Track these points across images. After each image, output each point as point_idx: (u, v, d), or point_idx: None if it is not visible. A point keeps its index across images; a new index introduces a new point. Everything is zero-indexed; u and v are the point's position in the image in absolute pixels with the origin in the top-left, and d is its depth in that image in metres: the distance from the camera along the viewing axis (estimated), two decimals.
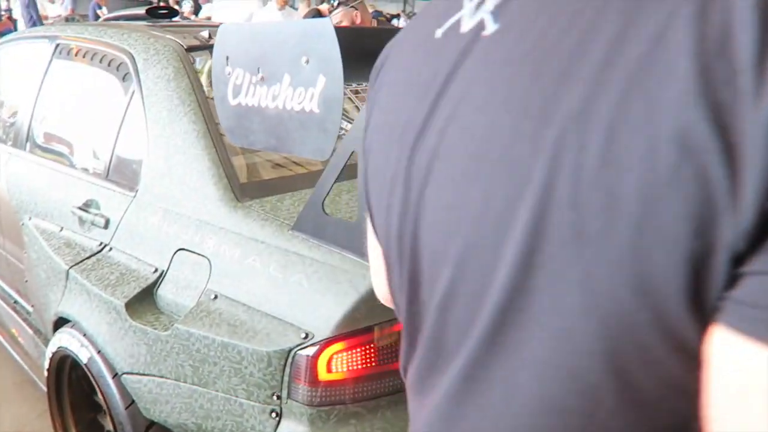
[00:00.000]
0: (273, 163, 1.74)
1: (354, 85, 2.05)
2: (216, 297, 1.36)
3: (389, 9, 21.12)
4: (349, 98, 2.00)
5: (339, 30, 0.77)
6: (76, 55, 2.08)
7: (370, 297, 1.19)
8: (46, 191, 1.97)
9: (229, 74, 0.86)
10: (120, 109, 1.77)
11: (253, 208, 1.42)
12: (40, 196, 1.99)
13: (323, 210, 1.26)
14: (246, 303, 1.31)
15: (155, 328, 1.39)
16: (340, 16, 3.68)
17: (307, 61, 0.76)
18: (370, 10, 13.07)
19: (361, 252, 1.21)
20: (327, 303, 1.21)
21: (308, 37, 0.74)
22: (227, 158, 1.52)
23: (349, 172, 1.22)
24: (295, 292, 1.25)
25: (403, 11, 21.91)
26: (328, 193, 1.25)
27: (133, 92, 1.73)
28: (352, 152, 1.19)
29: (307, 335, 1.21)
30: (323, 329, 1.20)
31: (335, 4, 3.78)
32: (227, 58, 0.85)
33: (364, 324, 1.20)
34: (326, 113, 0.75)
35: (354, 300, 1.19)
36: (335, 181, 1.23)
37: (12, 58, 2.52)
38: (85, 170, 1.87)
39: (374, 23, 3.79)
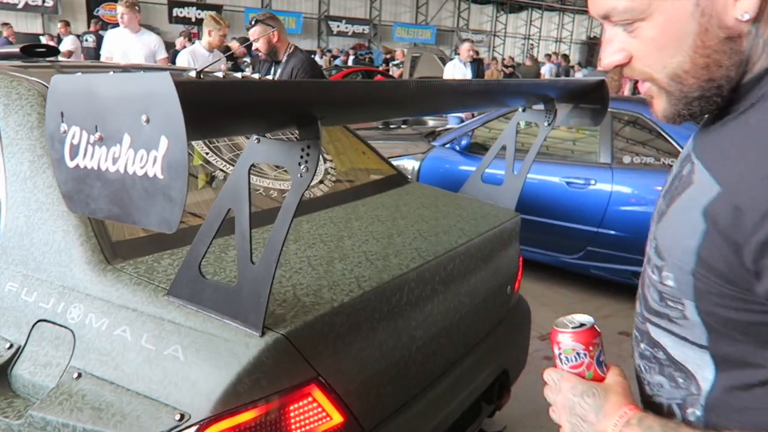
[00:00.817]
0: None
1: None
2: (80, 376, 1.19)
3: (304, 45, 21.26)
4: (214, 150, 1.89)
5: (185, 84, 0.67)
6: None
7: (254, 368, 1.07)
8: None
9: (64, 132, 0.75)
10: None
11: (125, 270, 1.27)
12: None
13: (200, 272, 1.14)
14: (114, 381, 1.16)
15: (6, 416, 1.19)
16: (257, 33, 3.58)
17: (148, 120, 0.66)
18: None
19: (244, 318, 1.10)
20: (205, 378, 1.08)
21: (147, 92, 0.65)
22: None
23: (228, 226, 1.11)
24: (170, 366, 1.11)
25: (318, 47, 22.16)
26: (206, 253, 1.14)
27: None
28: (229, 209, 1.09)
29: (182, 416, 1.07)
30: (201, 408, 1.06)
31: (251, 22, 3.67)
32: (62, 114, 0.73)
33: (249, 399, 1.08)
34: (171, 180, 0.65)
35: (236, 372, 1.07)
36: (213, 239, 1.12)
37: None
38: None
39: (288, 42, 3.71)
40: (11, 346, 1.30)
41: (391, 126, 5.72)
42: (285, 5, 22.60)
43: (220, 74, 2.08)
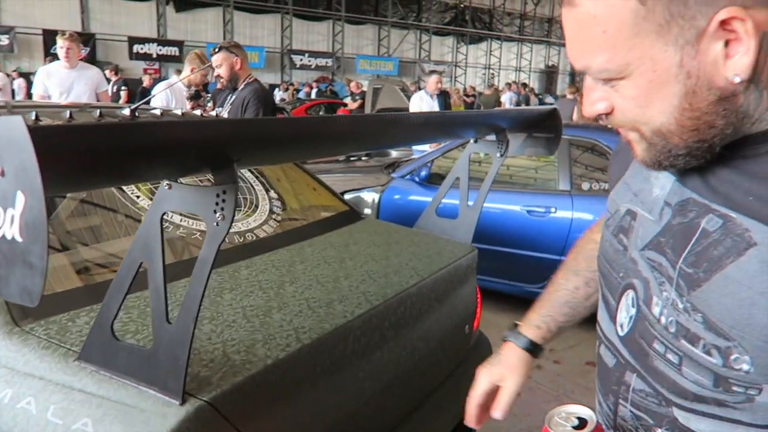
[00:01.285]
0: (78, 267, 1.46)
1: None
2: None
3: (267, 79, 21.28)
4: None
5: (43, 129, 0.57)
6: None
7: None
8: None
9: None
10: None
11: (33, 332, 1.13)
12: None
13: (113, 334, 1.02)
14: None
15: None
16: (220, 60, 3.49)
17: (2, 173, 0.55)
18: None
19: (163, 384, 0.98)
20: None
21: (1, 140, 0.54)
22: None
23: (141, 280, 1.00)
24: None
25: (282, 81, 22.18)
26: (118, 312, 1.02)
27: None
28: (141, 263, 0.98)
29: None
30: None
31: (216, 48, 3.59)
32: None
33: None
34: (29, 243, 0.54)
35: None
36: (125, 297, 1.00)
37: None
38: None
39: (249, 72, 3.63)
40: None
41: (352, 158, 5.65)
42: (247, 40, 22.63)
43: (157, 111, 1.98)
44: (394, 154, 7.11)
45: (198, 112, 3.63)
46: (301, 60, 24.14)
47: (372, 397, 1.35)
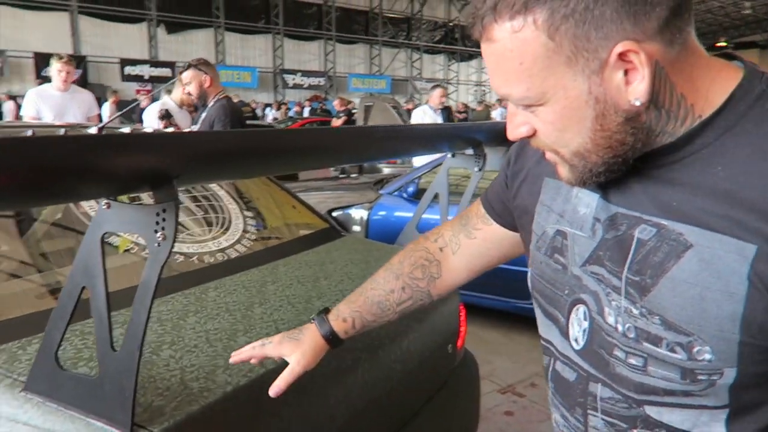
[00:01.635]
0: (37, 293, 1.40)
1: None
2: None
3: (260, 98, 21.35)
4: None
5: None
6: None
7: None
8: None
9: None
10: None
11: None
12: None
13: (57, 362, 0.96)
14: None
15: None
16: (189, 78, 3.47)
17: None
18: (235, 99, 12.91)
19: (110, 415, 0.92)
20: None
21: None
22: None
23: (84, 309, 0.94)
24: None
25: (275, 100, 22.25)
26: (62, 340, 0.95)
27: None
28: (83, 288, 0.92)
29: None
30: None
31: (185, 66, 3.57)
32: None
33: None
34: None
35: None
36: (68, 324, 0.94)
37: None
38: None
39: (221, 90, 3.60)
40: None
41: (341, 176, 5.61)
42: (240, 60, 22.73)
43: (126, 129, 1.93)
44: (386, 170, 7.07)
45: (171, 130, 3.59)
46: (294, 79, 24.23)
47: (345, 425, 1.29)
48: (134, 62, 20.15)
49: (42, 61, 17.86)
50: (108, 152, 0.70)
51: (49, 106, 4.26)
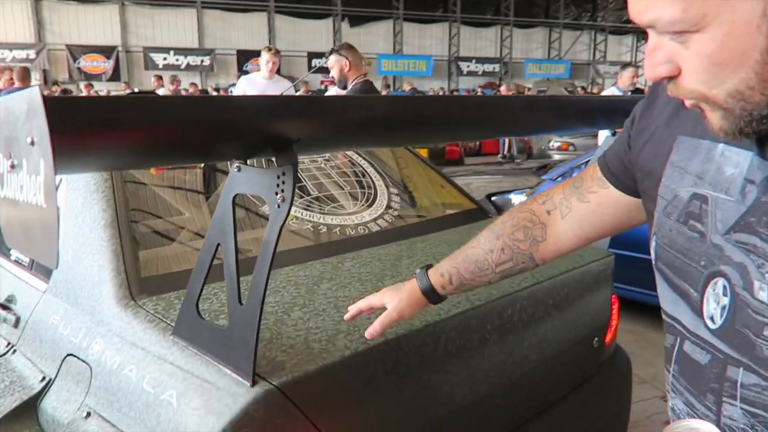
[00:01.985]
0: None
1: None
2: (89, 415, 1.15)
3: (435, 85, 21.64)
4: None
5: (58, 100, 0.59)
6: None
7: (241, 423, 0.95)
8: None
9: None
10: None
11: (145, 307, 1.22)
12: None
13: (197, 312, 1.06)
14: (115, 424, 1.10)
15: None
16: (332, 63, 3.66)
17: (33, 143, 0.58)
18: (407, 87, 13.07)
19: (236, 364, 0.99)
20: (192, 429, 0.98)
21: (27, 111, 0.57)
22: (132, 249, 1.36)
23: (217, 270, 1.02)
24: (164, 413, 1.03)
25: (449, 88, 22.41)
26: (201, 292, 1.05)
27: (61, 178, 1.62)
28: (218, 244, 1.00)
29: None
30: None
31: (329, 51, 3.75)
32: None
33: None
34: (47, 209, 0.57)
35: (221, 428, 0.95)
36: (206, 278, 1.03)
37: None
38: (17, 260, 1.75)
39: (367, 69, 3.71)
40: (44, 378, 1.31)
41: (503, 161, 5.47)
42: (416, 49, 23.22)
43: None
44: (556, 157, 6.75)
45: None
46: (468, 66, 24.15)
47: (467, 406, 1.25)
48: (320, 55, 21.61)
49: (243, 57, 20.00)
50: (240, 113, 0.74)
51: (255, 90, 4.82)
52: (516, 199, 4.00)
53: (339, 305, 1.24)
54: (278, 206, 0.86)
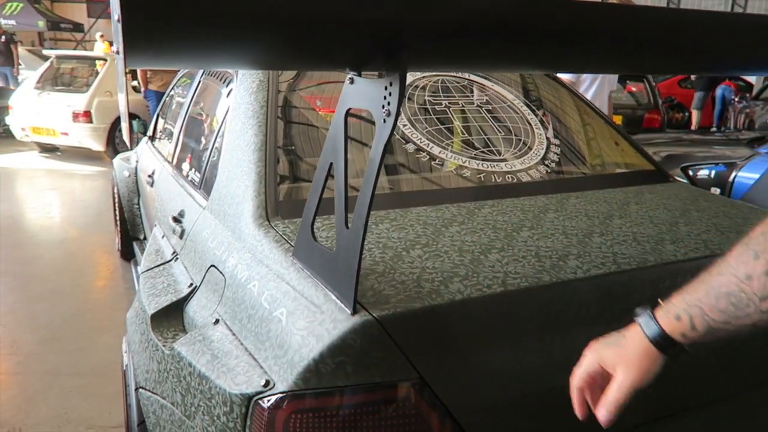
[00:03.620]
0: None
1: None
2: (217, 322, 1.22)
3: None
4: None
5: None
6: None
7: (338, 350, 0.92)
8: (166, 200, 2.09)
9: None
10: (220, 120, 1.79)
11: (276, 227, 1.26)
12: (163, 203, 2.11)
13: (312, 234, 1.05)
14: (236, 333, 1.15)
15: (165, 345, 1.30)
16: None
17: (117, 20, 0.58)
18: None
19: (340, 290, 0.96)
20: (294, 349, 0.98)
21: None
22: (275, 174, 1.40)
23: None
24: (274, 329, 1.05)
25: None
26: (316, 214, 1.03)
27: (228, 106, 1.73)
28: (331, 163, 0.97)
29: (267, 383, 0.99)
30: (284, 380, 0.97)
31: None
32: None
33: (331, 384, 0.94)
34: (119, 96, 0.56)
35: (319, 351, 0.93)
36: (321, 199, 1.01)
37: None
38: (191, 180, 1.93)
39: None
40: (191, 285, 1.42)
41: (710, 133, 4.76)
42: None
43: None
44: None
45: None
46: None
47: None
48: None
49: None
50: (347, 5, 0.67)
51: None
52: (719, 172, 3.45)
53: (462, 250, 1.15)
54: (384, 121, 0.79)
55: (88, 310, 3.23)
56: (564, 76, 2.69)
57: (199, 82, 2.32)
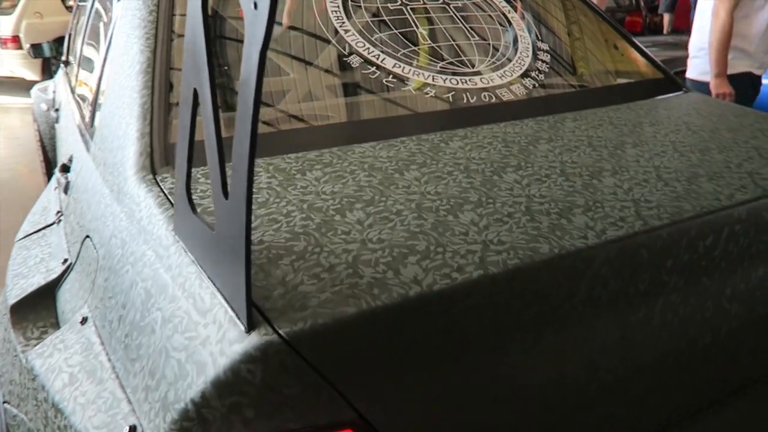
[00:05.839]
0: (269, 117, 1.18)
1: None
2: (85, 320, 0.87)
3: None
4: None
5: None
6: None
7: (233, 387, 0.59)
8: (62, 140, 1.68)
9: None
10: (109, 35, 1.36)
11: (164, 183, 0.89)
12: (60, 146, 1.71)
13: (189, 201, 0.68)
14: (105, 342, 0.81)
15: (25, 350, 0.96)
16: None
17: None
18: None
19: (228, 291, 0.62)
20: (167, 380, 0.64)
21: None
22: (166, 104, 1.01)
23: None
24: (146, 343, 0.71)
25: None
26: (190, 169, 0.67)
27: (117, 15, 1.30)
28: (195, 89, 0.59)
29: (133, 430, 0.66)
30: (154, 428, 0.64)
31: None
32: None
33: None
34: None
35: (200, 390, 0.60)
36: (192, 144, 0.64)
37: None
38: (83, 116, 1.51)
39: None
40: (65, 261, 1.07)
41: None
42: None
43: None
44: None
45: None
46: None
47: (616, 383, 0.78)
48: None
49: None
50: None
51: None
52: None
53: (423, 207, 0.80)
54: (254, 5, 0.42)
55: None
56: None
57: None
